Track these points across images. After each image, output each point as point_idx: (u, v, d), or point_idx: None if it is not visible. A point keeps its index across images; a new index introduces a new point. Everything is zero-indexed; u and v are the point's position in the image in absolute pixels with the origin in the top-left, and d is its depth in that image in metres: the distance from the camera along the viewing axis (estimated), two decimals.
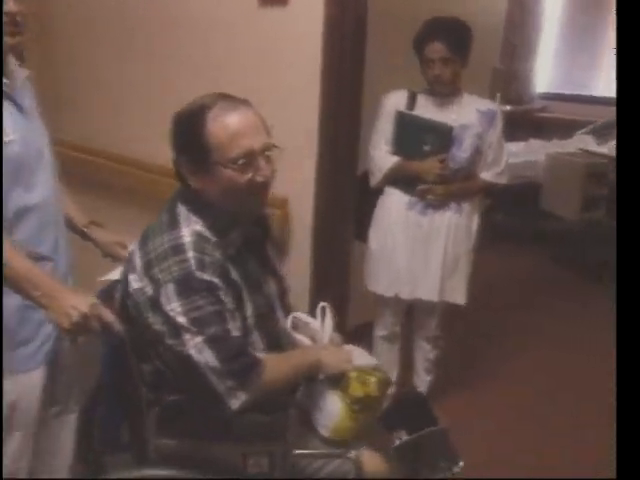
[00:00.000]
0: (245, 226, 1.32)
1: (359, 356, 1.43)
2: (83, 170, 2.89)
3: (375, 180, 2.46)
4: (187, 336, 1.19)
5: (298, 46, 2.25)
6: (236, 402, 1.20)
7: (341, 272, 2.60)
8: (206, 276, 1.19)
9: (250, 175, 1.23)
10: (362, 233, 2.55)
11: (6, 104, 1.48)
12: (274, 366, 1.25)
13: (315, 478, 1.36)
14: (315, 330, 1.44)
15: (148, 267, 1.24)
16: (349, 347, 1.49)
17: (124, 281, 1.32)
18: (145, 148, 2.69)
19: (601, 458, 1.96)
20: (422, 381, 2.76)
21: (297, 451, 1.33)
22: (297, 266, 2.39)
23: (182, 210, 1.28)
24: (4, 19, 1.44)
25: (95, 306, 1.31)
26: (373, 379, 1.36)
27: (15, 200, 1.49)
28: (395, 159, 2.40)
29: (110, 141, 2.97)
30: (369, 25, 2.35)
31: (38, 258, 1.52)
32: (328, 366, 1.32)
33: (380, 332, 2.69)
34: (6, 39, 1.46)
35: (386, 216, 2.49)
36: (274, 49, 2.32)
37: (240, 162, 1.21)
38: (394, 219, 2.47)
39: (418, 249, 2.46)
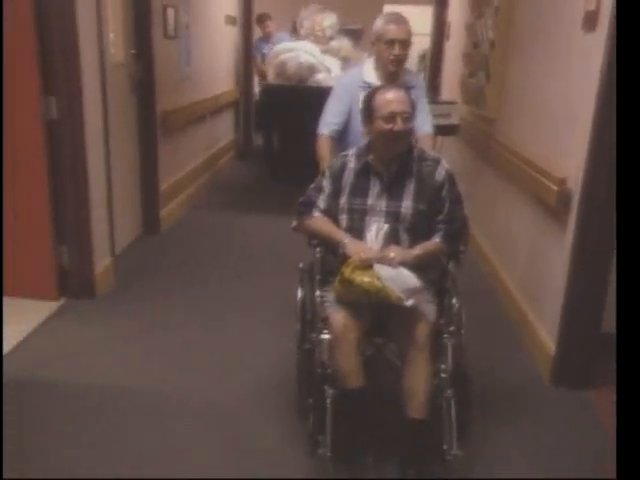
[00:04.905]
0: (371, 159, 2.16)
1: (391, 270, 1.93)
2: None
3: None
4: None
5: None
6: (294, 222, 2.26)
7: None
8: (326, 170, 2.24)
9: (391, 126, 2.07)
10: None
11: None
12: (318, 224, 2.20)
13: None
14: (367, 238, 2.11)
15: None
16: (398, 269, 1.95)
17: None
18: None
19: None
20: None
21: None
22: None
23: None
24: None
25: None
26: (361, 277, 1.90)
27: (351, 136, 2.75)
28: None
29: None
30: None
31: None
32: (345, 248, 2.06)
33: None
34: (390, 67, 2.67)
35: None
36: None
37: (386, 117, 2.08)
38: None
39: None
